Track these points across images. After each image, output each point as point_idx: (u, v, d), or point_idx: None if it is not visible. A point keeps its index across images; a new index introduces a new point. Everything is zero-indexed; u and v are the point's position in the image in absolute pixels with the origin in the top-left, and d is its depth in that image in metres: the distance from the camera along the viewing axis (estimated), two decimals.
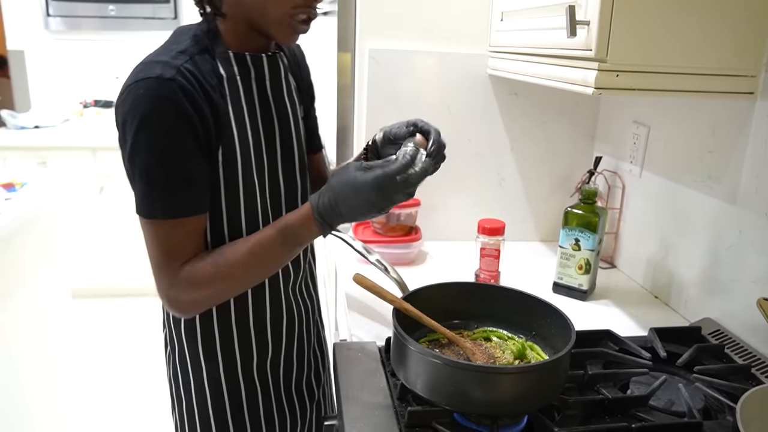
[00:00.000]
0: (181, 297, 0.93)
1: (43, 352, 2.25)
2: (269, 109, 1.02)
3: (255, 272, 0.96)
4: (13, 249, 2.00)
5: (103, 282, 3.68)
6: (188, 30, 0.95)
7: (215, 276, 0.92)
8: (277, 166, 1.03)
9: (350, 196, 0.88)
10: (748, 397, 0.82)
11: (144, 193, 0.88)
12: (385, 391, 0.97)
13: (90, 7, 3.87)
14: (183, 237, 0.91)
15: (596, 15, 0.99)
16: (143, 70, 0.87)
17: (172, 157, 0.87)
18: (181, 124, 0.86)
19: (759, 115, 1.11)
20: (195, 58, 0.90)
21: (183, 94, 0.85)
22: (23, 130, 3.64)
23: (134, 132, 0.85)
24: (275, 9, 0.90)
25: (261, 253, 0.93)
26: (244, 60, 0.97)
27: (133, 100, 0.85)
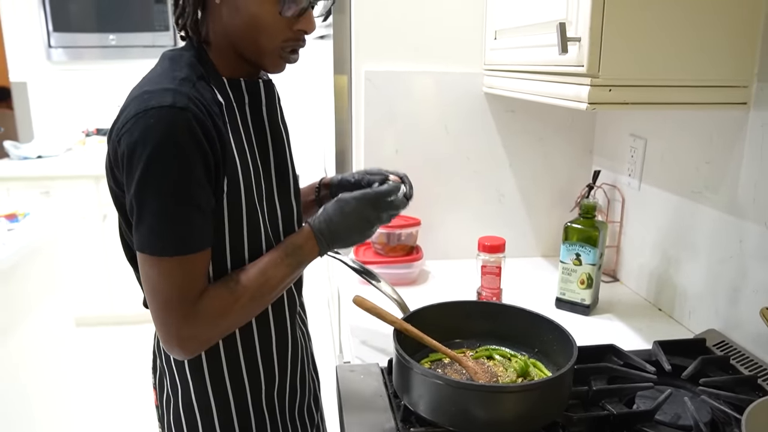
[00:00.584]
0: (201, 333, 0.89)
1: (49, 381, 2.24)
2: (265, 134, 1.01)
3: (267, 293, 0.95)
4: (16, 279, 2.00)
5: (108, 310, 3.68)
6: (180, 56, 0.93)
7: (235, 302, 0.91)
8: (273, 192, 1.02)
9: (344, 213, 0.98)
10: (754, 409, 0.81)
11: (152, 229, 0.83)
12: (389, 413, 0.96)
13: (91, 38, 3.92)
14: (195, 273, 0.87)
15: (587, 31, 1.00)
16: (152, 98, 0.83)
17: (185, 190, 0.84)
18: (195, 155, 0.83)
19: (753, 125, 1.12)
20: (197, 85, 0.88)
21: (197, 124, 0.83)
22: (26, 161, 3.67)
23: (145, 163, 0.81)
24: (265, 43, 0.91)
25: (272, 273, 0.94)
26: (240, 86, 0.96)
27: (143, 129, 0.81)
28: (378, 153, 1.66)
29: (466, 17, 1.60)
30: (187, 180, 0.83)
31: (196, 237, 0.86)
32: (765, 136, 1.09)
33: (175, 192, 0.83)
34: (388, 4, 1.57)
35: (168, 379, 1.03)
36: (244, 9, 0.88)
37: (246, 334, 1.00)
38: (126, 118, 0.84)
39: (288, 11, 0.89)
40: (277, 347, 1.05)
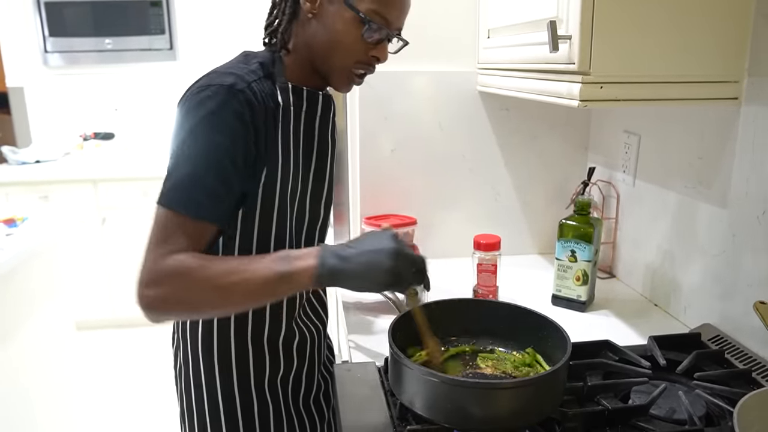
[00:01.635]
0: (153, 283, 0.87)
1: (50, 385, 2.25)
2: (312, 142, 1.08)
3: (233, 285, 0.88)
4: (16, 284, 2.01)
5: (108, 313, 3.68)
6: (256, 56, 1.02)
7: (197, 270, 0.87)
8: (306, 196, 1.09)
9: (366, 251, 0.88)
10: (746, 402, 0.82)
11: (175, 183, 0.89)
12: (385, 411, 0.97)
13: (87, 42, 3.92)
14: (188, 235, 0.89)
15: (577, 29, 1.01)
16: (216, 78, 0.92)
17: (220, 160, 0.89)
18: (239, 134, 0.91)
19: (744, 120, 1.12)
20: (261, 80, 0.96)
21: (248, 108, 0.91)
22: (24, 166, 3.67)
23: (191, 127, 0.89)
24: (340, 60, 1.00)
25: (249, 267, 0.88)
26: (301, 93, 1.03)
27: (201, 99, 0.90)
28: (373, 152, 1.67)
29: (460, 16, 1.61)
30: (224, 151, 0.90)
31: (207, 206, 0.89)
32: (756, 130, 1.10)
33: (209, 156, 0.89)
34: None
35: (182, 351, 1.11)
36: (332, 26, 0.97)
37: (258, 322, 1.07)
38: (189, 91, 0.93)
39: (369, 37, 0.98)
40: (283, 339, 1.11)
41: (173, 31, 3.94)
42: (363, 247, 0.89)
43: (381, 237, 0.90)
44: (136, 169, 3.60)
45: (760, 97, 1.08)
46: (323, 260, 0.87)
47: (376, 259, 0.87)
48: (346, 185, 1.73)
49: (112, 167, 3.63)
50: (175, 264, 0.87)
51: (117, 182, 3.56)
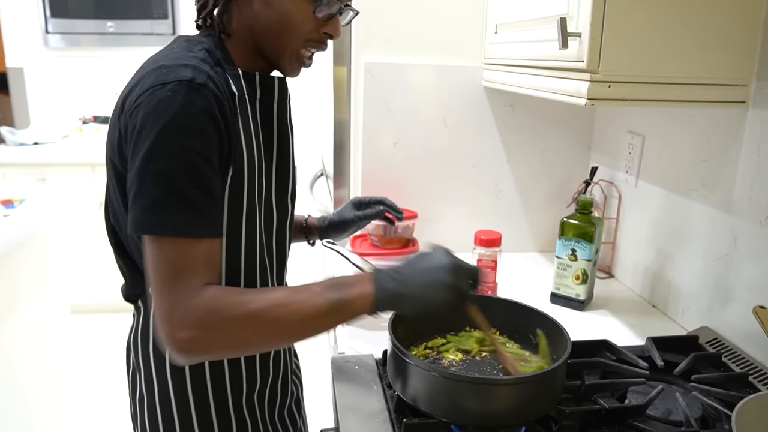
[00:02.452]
0: (192, 322, 0.77)
1: (44, 368, 2.24)
2: (271, 131, 0.99)
3: (285, 317, 0.80)
4: (11, 266, 2.00)
5: (103, 298, 3.67)
6: (198, 41, 0.90)
7: (238, 305, 0.79)
8: (272, 191, 1.00)
9: (423, 270, 0.84)
10: (744, 405, 0.82)
11: (155, 204, 0.77)
12: (382, 404, 0.97)
13: (89, 24, 3.89)
14: (198, 260, 0.80)
15: (587, 27, 1.00)
16: (171, 72, 0.80)
17: (197, 167, 0.79)
18: (211, 134, 0.80)
19: (751, 124, 1.12)
20: (213, 68, 0.85)
21: (215, 103, 0.81)
22: (22, 147, 3.65)
23: (156, 134, 0.77)
24: (289, 41, 0.91)
25: (298, 297, 0.81)
26: (253, 79, 0.94)
27: (158, 101, 0.78)
28: (376, 145, 1.66)
29: (467, 10, 1.60)
30: (201, 156, 0.79)
31: (201, 221, 0.80)
32: (763, 135, 1.10)
33: (187, 166, 0.78)
34: None
35: (143, 375, 0.99)
36: (277, 5, 0.89)
37: None
38: (141, 90, 0.80)
39: (320, 13, 0.90)
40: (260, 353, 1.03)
41: (176, 16, 3.92)
42: (418, 267, 0.85)
43: (435, 255, 0.87)
44: None
45: (767, 101, 1.08)
46: (381, 284, 0.83)
47: (435, 277, 0.83)
48: (347, 177, 1.72)
49: None
50: (206, 300, 0.78)
51: None
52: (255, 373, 1.02)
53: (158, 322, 0.79)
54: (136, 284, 0.98)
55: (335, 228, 1.28)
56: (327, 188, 2.07)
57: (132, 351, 1.01)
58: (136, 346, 1.00)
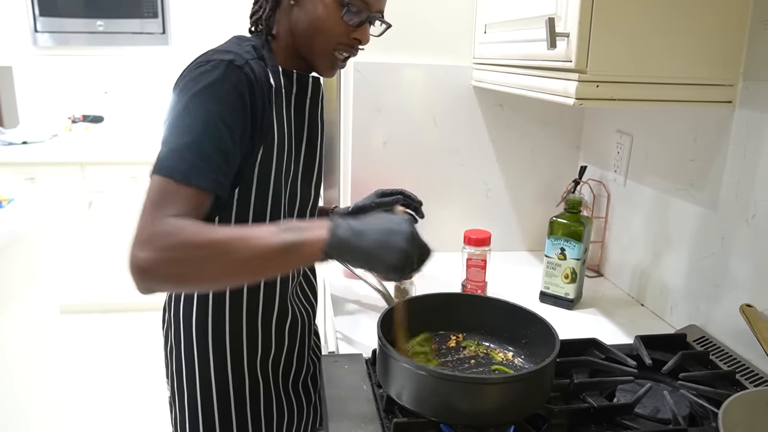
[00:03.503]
0: (148, 244, 0.81)
1: (33, 368, 2.23)
2: (302, 124, 1.10)
3: (236, 251, 0.83)
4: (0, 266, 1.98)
5: (92, 298, 3.65)
6: (248, 39, 1.04)
7: (196, 234, 0.83)
8: (298, 177, 1.10)
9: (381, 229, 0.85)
10: (731, 403, 0.83)
11: (173, 151, 0.88)
12: (372, 403, 0.97)
13: (78, 23, 3.86)
14: (186, 201, 0.86)
15: (575, 27, 1.01)
16: (215, 54, 0.93)
17: (217, 128, 0.89)
18: (237, 108, 0.91)
19: (738, 124, 1.13)
20: (255, 60, 0.98)
21: (247, 84, 0.93)
22: (11, 146, 3.62)
23: (192, 94, 0.89)
24: (322, 43, 1.02)
25: (253, 234, 0.84)
26: (291, 76, 1.05)
27: (200, 73, 0.91)
28: (366, 144, 1.66)
29: (456, 10, 1.60)
30: (222, 124, 0.89)
31: (205, 174, 0.88)
32: (749, 134, 1.10)
33: (205, 128, 0.88)
34: None
35: (173, 331, 1.10)
36: (312, 11, 1.01)
37: (252, 300, 1.08)
38: (187, 68, 0.94)
39: (349, 19, 1.01)
40: (276, 318, 1.12)
41: (166, 15, 3.90)
42: (378, 225, 0.86)
43: (397, 219, 0.88)
44: (125, 153, 3.56)
45: (753, 101, 1.09)
46: (334, 231, 0.84)
47: (391, 240, 0.84)
48: (337, 176, 1.72)
49: (100, 150, 3.59)
50: (172, 225, 0.83)
51: (105, 166, 3.52)
52: (270, 339, 1.12)
53: (129, 245, 0.83)
54: None
55: (355, 216, 1.28)
56: None
57: (166, 310, 1.13)
58: (170, 305, 1.12)
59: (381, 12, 1.06)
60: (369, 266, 0.87)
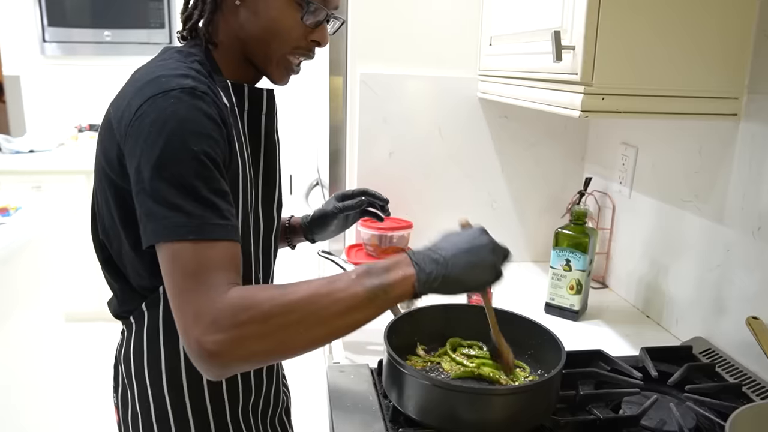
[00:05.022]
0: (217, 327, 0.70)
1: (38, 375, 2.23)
2: (259, 143, 0.99)
3: (324, 309, 0.75)
4: (7, 273, 1.99)
5: (98, 305, 3.65)
6: (189, 53, 0.90)
7: (276, 297, 0.74)
8: (258, 201, 0.99)
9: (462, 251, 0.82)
10: (738, 416, 0.82)
11: (173, 210, 0.75)
12: (378, 414, 0.97)
13: (86, 33, 3.90)
14: (221, 260, 0.75)
15: (581, 40, 1.01)
16: (171, 81, 0.79)
17: (209, 170, 0.77)
18: (218, 138, 0.80)
19: (743, 136, 1.13)
20: (207, 79, 0.85)
21: (217, 110, 0.81)
22: (18, 155, 3.65)
23: (165, 141, 0.75)
24: (278, 48, 0.91)
25: (334, 286, 0.76)
26: (242, 92, 0.95)
27: (163, 109, 0.76)
28: (372, 155, 1.67)
29: (462, 22, 1.61)
30: (211, 161, 0.78)
31: (220, 223, 0.77)
32: (754, 147, 1.11)
33: (199, 172, 0.76)
34: (385, 6, 1.58)
35: (136, 393, 0.96)
36: (264, 12, 0.89)
37: None
38: (140, 101, 0.78)
39: (308, 20, 0.90)
40: None
41: (173, 25, 3.93)
42: (457, 247, 0.82)
43: (472, 234, 0.85)
44: None
45: (759, 114, 1.09)
46: (421, 266, 0.79)
47: (478, 258, 0.81)
48: (342, 187, 1.73)
49: None
50: (238, 296, 0.72)
51: None
52: (250, 385, 1.02)
53: (183, 331, 0.72)
54: (126, 300, 0.96)
55: (317, 223, 1.23)
56: (322, 197, 2.07)
57: (123, 368, 0.98)
58: (128, 363, 0.97)
59: (337, 7, 0.94)
60: (462, 290, 0.83)
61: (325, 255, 1.29)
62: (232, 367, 0.74)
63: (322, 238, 1.26)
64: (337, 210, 1.20)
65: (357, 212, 1.23)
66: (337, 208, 1.20)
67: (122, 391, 0.99)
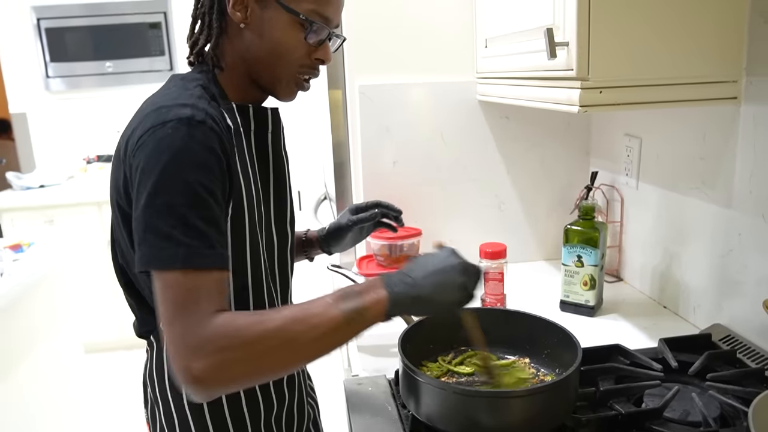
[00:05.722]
0: (201, 352, 0.74)
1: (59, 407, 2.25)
2: (267, 162, 1.02)
3: (303, 333, 0.79)
4: (23, 309, 2.01)
5: (116, 335, 3.68)
6: (192, 78, 0.93)
7: (256, 325, 0.77)
8: (271, 219, 1.02)
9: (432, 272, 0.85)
10: (761, 401, 0.81)
11: (162, 238, 0.77)
12: (398, 424, 0.97)
13: (88, 66, 3.95)
14: (208, 289, 0.78)
15: (574, 35, 1.01)
16: (168, 112, 0.82)
17: (202, 199, 0.80)
18: (214, 168, 0.82)
19: (744, 119, 1.13)
20: (210, 104, 0.87)
21: (216, 139, 0.83)
22: (29, 191, 3.69)
23: (160, 171, 0.78)
24: (284, 68, 0.94)
25: (314, 311, 0.80)
26: (247, 112, 0.97)
27: (160, 140, 0.80)
28: (376, 165, 1.67)
29: (456, 27, 1.62)
30: (205, 190, 0.80)
31: (208, 252, 0.79)
32: (757, 128, 1.10)
33: (194, 199, 0.79)
34: (378, 17, 1.59)
35: (162, 411, 0.98)
36: (268, 34, 0.91)
37: None
38: (142, 131, 0.82)
39: (311, 39, 0.93)
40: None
41: (173, 52, 3.97)
42: (426, 268, 0.86)
43: (441, 256, 0.88)
44: None
45: (758, 95, 1.09)
46: (392, 288, 0.82)
47: (446, 278, 0.85)
48: (349, 199, 1.73)
49: None
50: (220, 323, 0.76)
51: None
52: (271, 398, 1.03)
53: (171, 357, 0.76)
54: (147, 320, 0.99)
55: (332, 236, 1.26)
56: (331, 211, 2.08)
57: (149, 386, 1.01)
58: (153, 382, 1.00)
59: (338, 26, 0.98)
60: (433, 311, 0.86)
61: (334, 269, 1.29)
62: (216, 389, 0.78)
63: (338, 250, 1.29)
64: (351, 223, 1.23)
65: (371, 224, 1.26)
66: (351, 221, 1.23)
67: (150, 408, 1.02)
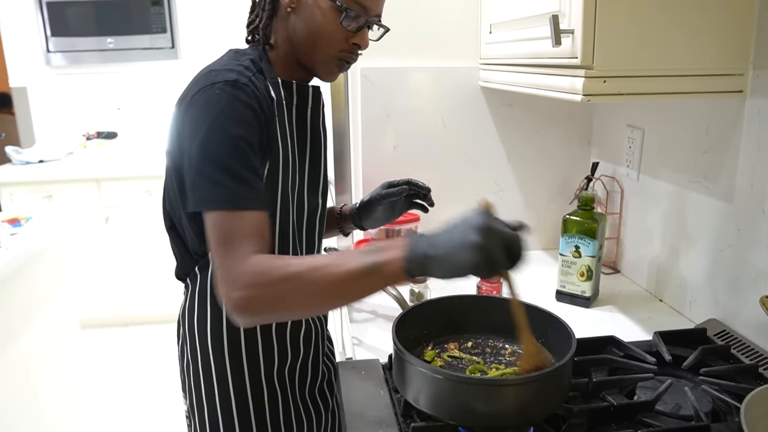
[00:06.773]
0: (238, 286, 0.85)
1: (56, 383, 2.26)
2: (305, 134, 1.11)
3: (326, 277, 0.84)
4: (20, 283, 2.01)
5: (112, 311, 3.69)
6: (245, 53, 1.04)
7: (285, 267, 0.85)
8: (304, 187, 1.10)
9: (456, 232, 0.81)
10: (753, 397, 0.81)
11: (210, 183, 0.89)
12: (389, 408, 0.97)
13: (89, 41, 3.92)
14: (248, 229, 0.88)
15: (580, 23, 1.00)
16: (217, 76, 0.94)
17: (244, 150, 0.91)
18: (254, 124, 0.93)
19: (749, 113, 1.11)
20: (255, 75, 0.99)
21: (256, 100, 0.94)
22: (28, 165, 3.67)
23: (209, 126, 0.90)
24: (323, 50, 1.02)
25: (337, 260, 0.85)
26: (291, 87, 1.05)
27: (208, 99, 0.92)
28: (376, 149, 1.66)
29: (461, 11, 1.60)
30: (246, 143, 0.91)
31: (253, 197, 0.90)
32: (762, 123, 1.09)
33: (236, 150, 0.90)
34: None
35: (189, 346, 1.11)
36: (310, 19, 1.00)
37: None
38: (194, 91, 0.94)
39: (347, 25, 1.00)
40: (291, 328, 1.12)
41: (175, 29, 3.94)
42: (450, 228, 0.82)
43: (469, 215, 0.82)
44: (139, 168, 3.60)
45: (765, 89, 1.07)
46: (412, 248, 0.82)
47: (463, 237, 0.79)
48: (348, 182, 1.72)
49: (115, 166, 3.64)
50: (253, 263, 0.85)
51: (120, 181, 3.56)
52: (286, 349, 1.12)
53: (218, 285, 0.87)
54: (185, 264, 1.11)
55: (364, 210, 1.31)
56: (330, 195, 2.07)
57: (181, 325, 1.13)
58: (185, 320, 1.11)
59: (379, 16, 1.05)
60: (453, 272, 0.80)
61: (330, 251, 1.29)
62: (250, 317, 0.88)
63: (370, 225, 1.34)
64: (380, 197, 1.28)
65: (404, 203, 1.30)
66: (380, 195, 1.28)
67: (181, 344, 1.14)
